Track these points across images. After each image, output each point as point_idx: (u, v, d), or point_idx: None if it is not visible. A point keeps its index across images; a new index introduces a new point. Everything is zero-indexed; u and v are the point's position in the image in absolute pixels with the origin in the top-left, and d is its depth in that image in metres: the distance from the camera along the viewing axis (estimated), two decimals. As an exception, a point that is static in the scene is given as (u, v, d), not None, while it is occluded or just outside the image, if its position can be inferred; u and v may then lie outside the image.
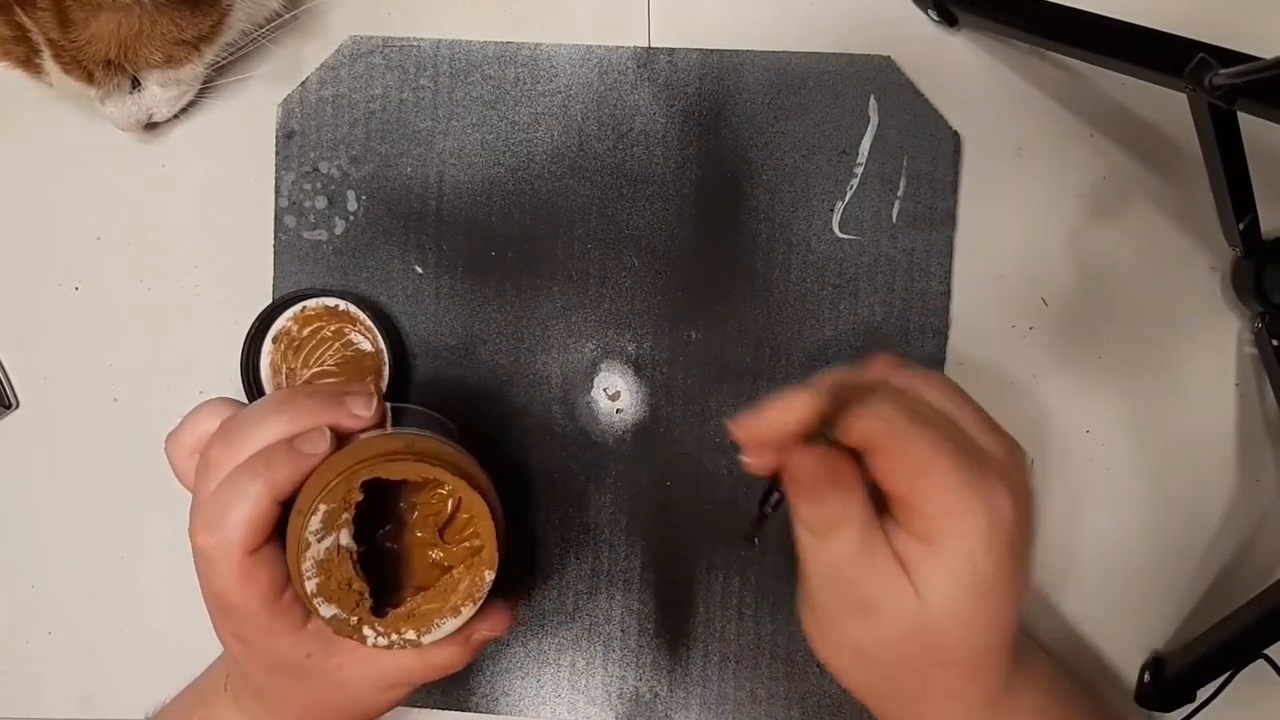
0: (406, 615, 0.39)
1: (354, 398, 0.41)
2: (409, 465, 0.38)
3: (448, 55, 0.52)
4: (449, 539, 0.41)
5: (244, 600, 0.39)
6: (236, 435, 0.40)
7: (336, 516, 0.38)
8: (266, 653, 0.41)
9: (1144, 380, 0.51)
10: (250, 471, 0.39)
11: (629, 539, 0.52)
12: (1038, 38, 0.47)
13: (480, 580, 0.39)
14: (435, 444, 0.40)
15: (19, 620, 0.55)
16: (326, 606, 0.38)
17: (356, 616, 0.38)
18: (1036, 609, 0.52)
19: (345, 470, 0.38)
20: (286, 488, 0.39)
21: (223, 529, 0.38)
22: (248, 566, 0.39)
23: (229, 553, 0.39)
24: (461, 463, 0.40)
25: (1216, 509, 0.51)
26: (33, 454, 0.54)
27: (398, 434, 0.41)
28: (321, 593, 0.38)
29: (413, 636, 0.39)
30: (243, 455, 0.40)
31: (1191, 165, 0.48)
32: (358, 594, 0.38)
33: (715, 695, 0.52)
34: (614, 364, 0.52)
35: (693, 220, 0.51)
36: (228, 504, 0.38)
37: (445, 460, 0.40)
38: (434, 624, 0.39)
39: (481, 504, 0.39)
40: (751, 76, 0.51)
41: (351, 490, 0.38)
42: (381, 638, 0.39)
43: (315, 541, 0.38)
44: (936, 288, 0.51)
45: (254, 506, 0.38)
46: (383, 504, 0.41)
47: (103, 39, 0.44)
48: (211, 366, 0.53)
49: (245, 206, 0.53)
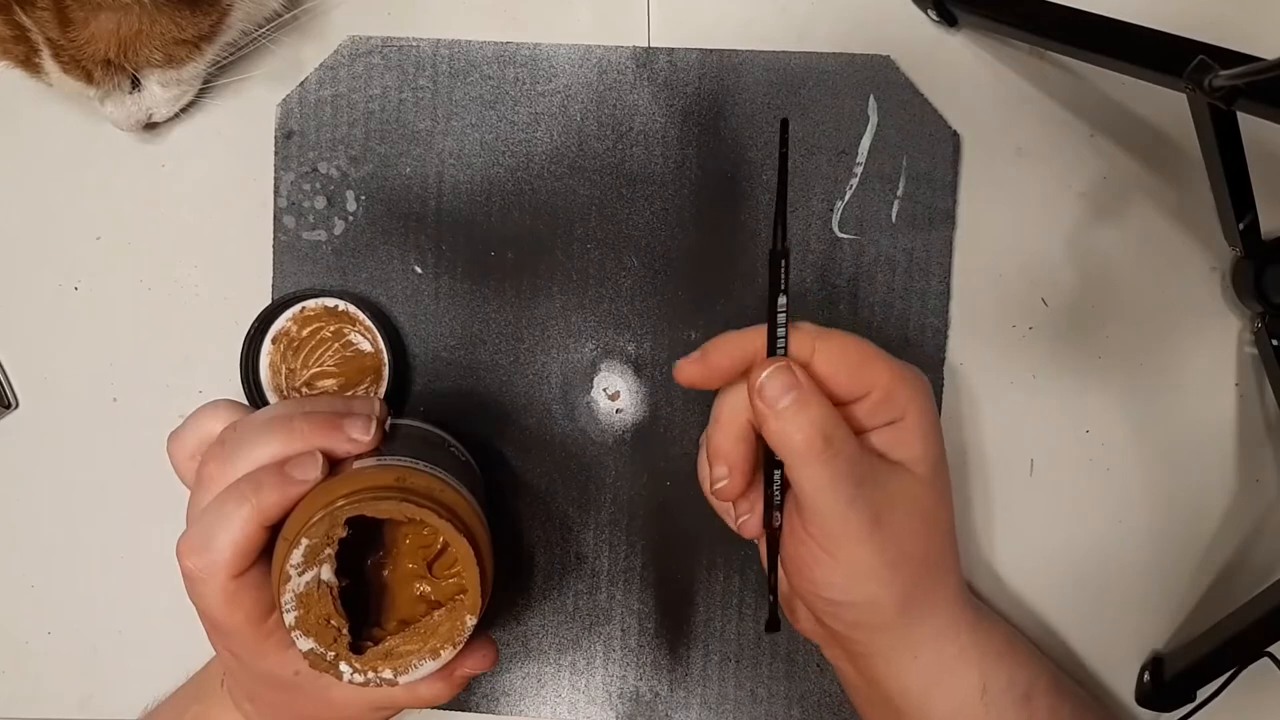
0: (384, 654, 0.38)
1: (353, 420, 0.41)
2: (395, 505, 0.38)
3: (447, 55, 0.52)
4: (438, 573, 0.41)
5: (231, 621, 0.39)
6: (232, 452, 0.40)
7: (319, 551, 0.37)
8: (255, 668, 0.41)
9: (1144, 380, 0.51)
10: (238, 495, 0.38)
11: (629, 539, 0.52)
12: (1038, 38, 0.47)
13: (461, 625, 0.38)
14: (426, 479, 0.40)
15: (19, 620, 0.55)
16: (304, 640, 0.38)
17: (334, 652, 0.38)
18: (1037, 609, 0.52)
19: (330, 504, 0.38)
20: (275, 513, 0.38)
21: (209, 552, 0.38)
22: (233, 590, 0.39)
23: (215, 575, 0.38)
24: (452, 501, 0.40)
25: (1216, 509, 0.51)
26: (33, 454, 0.54)
27: (390, 466, 0.40)
28: (300, 626, 0.37)
29: (389, 676, 0.38)
30: (237, 473, 0.39)
31: (1191, 165, 0.48)
32: (336, 630, 0.38)
33: (715, 695, 0.52)
34: (614, 364, 0.52)
35: (692, 220, 0.51)
36: (214, 527, 0.38)
37: (435, 499, 0.39)
38: (412, 665, 0.38)
39: (467, 548, 0.38)
40: (751, 76, 0.51)
41: (335, 527, 0.37)
42: (358, 675, 0.38)
43: (296, 575, 0.37)
44: (936, 288, 0.51)
45: (240, 531, 0.38)
46: (377, 528, 0.41)
47: (102, 38, 0.44)
48: (211, 367, 0.53)
49: (245, 206, 0.52)
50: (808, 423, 0.39)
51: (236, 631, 0.40)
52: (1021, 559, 0.52)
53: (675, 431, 0.52)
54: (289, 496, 0.39)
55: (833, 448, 0.39)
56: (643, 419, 0.52)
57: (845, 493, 0.39)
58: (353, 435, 0.40)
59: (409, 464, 0.40)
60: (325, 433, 0.40)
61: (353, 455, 0.41)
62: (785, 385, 0.39)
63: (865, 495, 0.40)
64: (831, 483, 0.39)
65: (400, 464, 0.40)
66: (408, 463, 0.41)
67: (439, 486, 0.40)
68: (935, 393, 0.51)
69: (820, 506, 0.40)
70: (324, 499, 0.38)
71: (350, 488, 0.38)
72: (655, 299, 0.52)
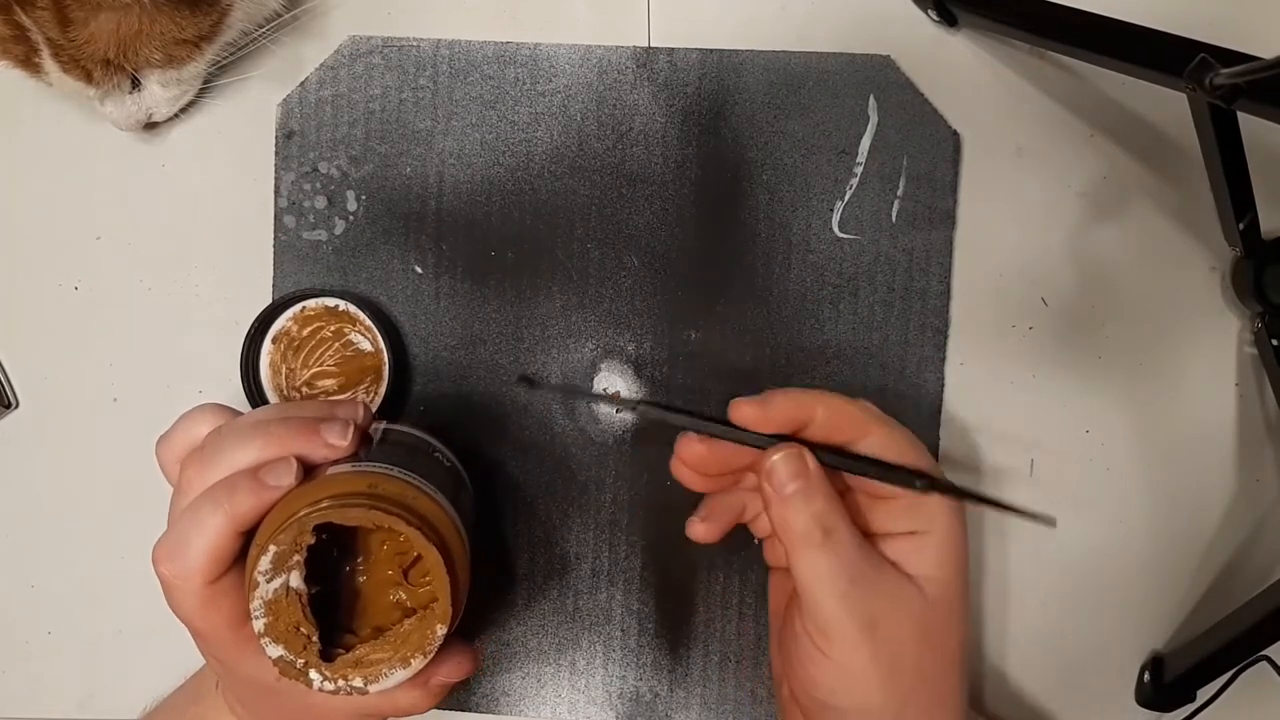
0: (355, 662, 0.38)
1: (330, 425, 0.40)
2: (364, 513, 0.37)
3: (447, 55, 0.52)
4: (414, 580, 0.40)
5: (209, 627, 0.39)
6: (210, 457, 0.40)
7: (287, 558, 0.37)
8: (237, 673, 0.41)
9: (1144, 380, 0.51)
10: (212, 501, 0.38)
11: (629, 539, 0.52)
12: (1038, 38, 0.47)
13: (432, 634, 0.38)
14: (399, 486, 0.39)
15: (19, 620, 0.55)
16: (273, 647, 0.37)
17: (303, 659, 0.37)
18: (1037, 609, 0.52)
19: (298, 512, 0.37)
20: (249, 519, 0.38)
21: (183, 558, 0.38)
22: (209, 595, 0.39)
23: (190, 581, 0.38)
24: (425, 509, 0.39)
25: (1216, 509, 0.51)
26: (33, 454, 0.54)
27: (364, 472, 0.40)
28: (269, 633, 0.37)
29: (360, 684, 0.38)
30: (215, 478, 0.39)
31: (1191, 165, 0.48)
32: (305, 637, 0.37)
33: (715, 695, 0.52)
34: (614, 364, 0.52)
35: (692, 220, 0.51)
36: (189, 533, 0.38)
37: (406, 506, 0.38)
38: (383, 673, 0.38)
39: (437, 557, 0.37)
40: (751, 76, 0.51)
41: (303, 534, 0.37)
42: (328, 683, 0.38)
43: (264, 582, 0.37)
44: (936, 287, 0.51)
45: (214, 537, 0.38)
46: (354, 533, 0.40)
47: (102, 38, 0.44)
48: (211, 366, 0.53)
49: (245, 206, 0.53)
50: (810, 513, 0.39)
51: (216, 637, 0.40)
52: (1022, 559, 0.52)
53: (675, 431, 0.52)
54: (263, 502, 0.38)
55: (831, 540, 0.39)
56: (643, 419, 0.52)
57: (838, 587, 0.39)
58: (330, 440, 0.40)
59: (383, 470, 0.40)
60: (302, 438, 0.40)
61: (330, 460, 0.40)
62: (793, 472, 0.40)
63: (860, 595, 0.39)
64: (826, 574, 0.39)
65: (374, 470, 0.40)
66: (382, 469, 0.40)
67: (412, 493, 0.39)
68: (935, 392, 0.51)
69: (813, 598, 0.39)
70: (295, 505, 0.38)
71: (321, 494, 0.38)
72: (655, 299, 0.52)
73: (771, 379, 0.51)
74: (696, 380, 0.52)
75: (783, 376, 0.51)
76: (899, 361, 0.51)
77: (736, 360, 0.51)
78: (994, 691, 0.52)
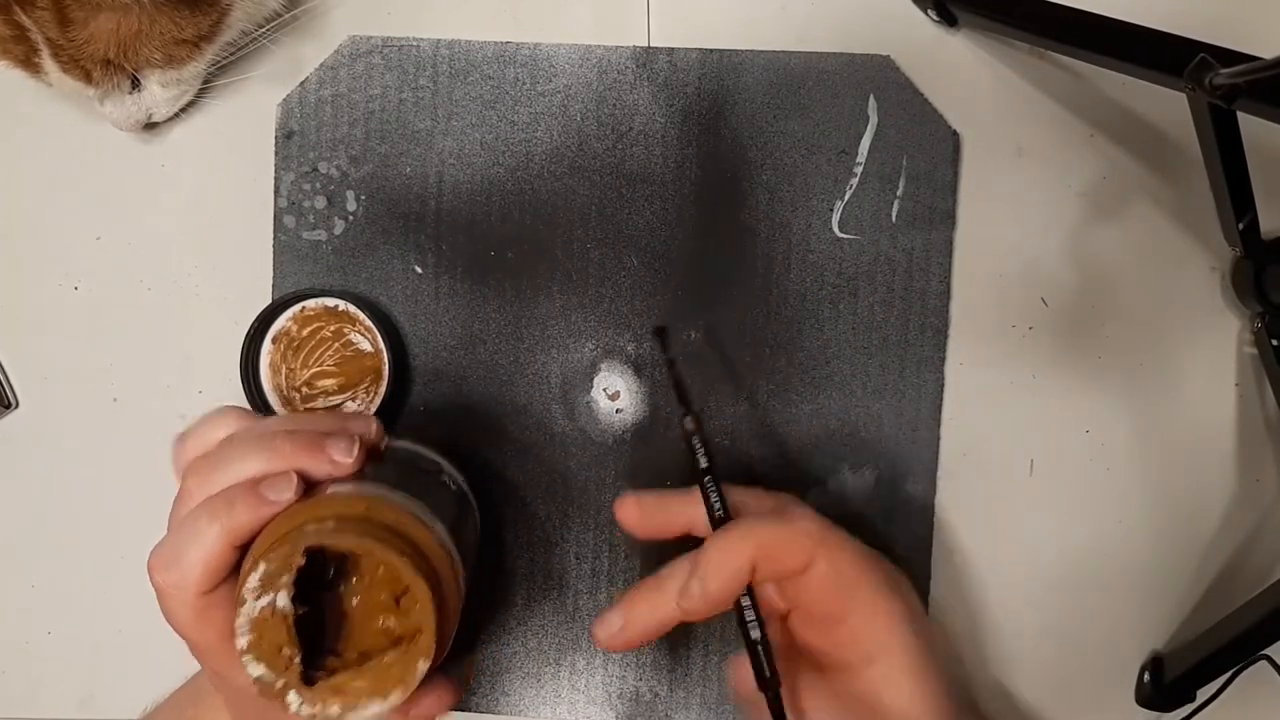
0: (335, 689, 0.37)
1: (335, 442, 0.40)
2: (354, 540, 0.37)
3: (447, 55, 0.52)
4: (405, 607, 0.40)
5: (201, 638, 0.39)
6: (214, 466, 0.39)
7: (276, 577, 0.37)
8: (228, 683, 0.41)
9: (1144, 380, 0.51)
10: (210, 512, 0.38)
11: (629, 539, 0.52)
12: (1038, 38, 0.47)
13: (413, 670, 0.37)
14: (396, 513, 0.39)
15: (19, 620, 0.55)
16: (255, 666, 0.37)
17: (283, 681, 0.37)
18: (1037, 609, 0.52)
19: (290, 532, 0.37)
20: (245, 532, 0.38)
21: (178, 569, 0.38)
22: (202, 607, 0.39)
23: (184, 591, 0.38)
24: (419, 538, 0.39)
25: (1216, 509, 0.51)
26: (33, 454, 0.54)
27: (362, 495, 0.39)
28: (252, 650, 0.37)
29: (336, 712, 0.37)
30: (216, 488, 0.39)
31: (1191, 165, 0.48)
32: (288, 659, 0.37)
33: (715, 695, 0.52)
34: (614, 364, 0.52)
35: (692, 220, 0.51)
36: (185, 543, 0.38)
37: (400, 534, 0.38)
38: (360, 703, 0.37)
39: (424, 590, 0.37)
40: (751, 76, 0.51)
41: (294, 554, 0.36)
42: (306, 706, 0.37)
43: (251, 599, 0.37)
44: (936, 287, 0.51)
45: (210, 549, 0.38)
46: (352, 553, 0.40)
47: (102, 38, 0.44)
48: (211, 366, 0.53)
49: (245, 207, 0.53)
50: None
51: (208, 647, 0.40)
52: (1022, 559, 0.52)
53: (675, 431, 0.52)
54: (260, 516, 0.38)
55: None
56: (643, 419, 0.52)
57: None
58: (334, 457, 0.40)
59: (383, 494, 0.40)
60: (305, 454, 0.39)
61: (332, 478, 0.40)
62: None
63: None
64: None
65: (374, 493, 0.39)
66: (382, 492, 0.40)
67: (409, 521, 0.39)
68: (935, 392, 0.51)
69: None
70: (290, 523, 0.37)
71: (317, 513, 0.38)
72: (655, 299, 0.52)
73: (771, 379, 0.51)
74: (696, 380, 0.51)
75: (782, 376, 0.51)
76: (899, 361, 0.51)
77: (736, 360, 0.51)
78: (994, 692, 0.52)
